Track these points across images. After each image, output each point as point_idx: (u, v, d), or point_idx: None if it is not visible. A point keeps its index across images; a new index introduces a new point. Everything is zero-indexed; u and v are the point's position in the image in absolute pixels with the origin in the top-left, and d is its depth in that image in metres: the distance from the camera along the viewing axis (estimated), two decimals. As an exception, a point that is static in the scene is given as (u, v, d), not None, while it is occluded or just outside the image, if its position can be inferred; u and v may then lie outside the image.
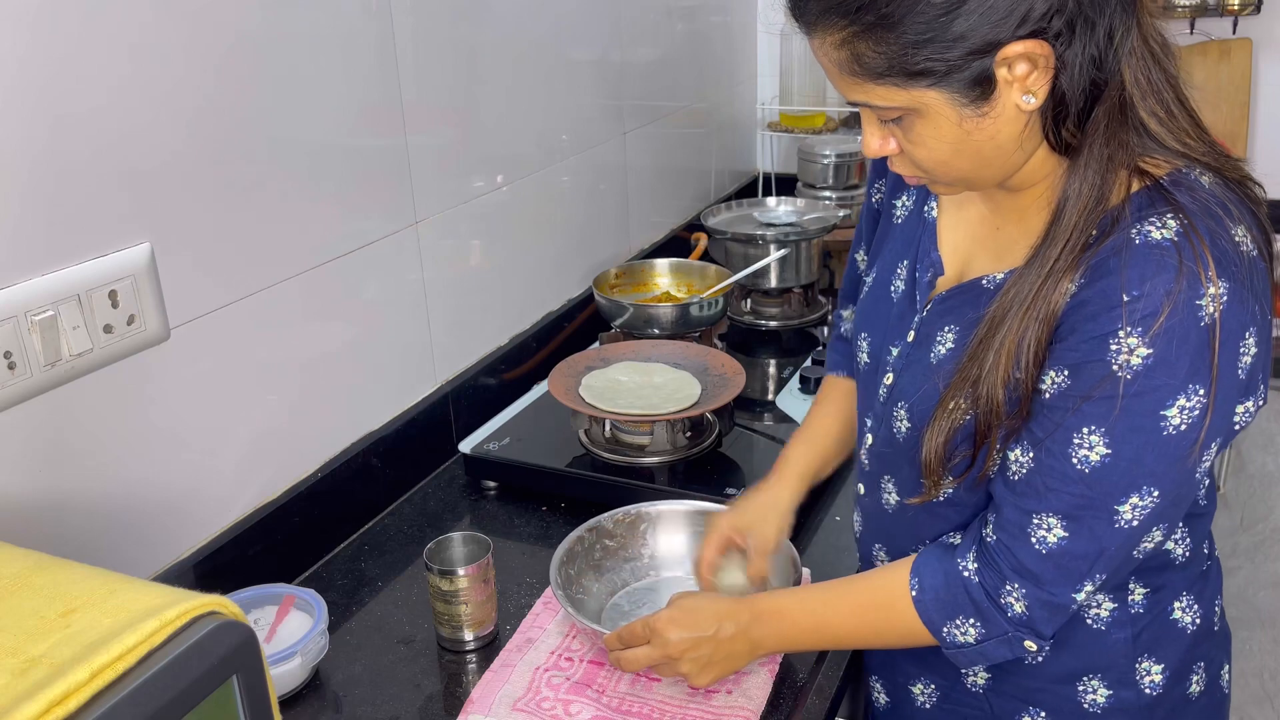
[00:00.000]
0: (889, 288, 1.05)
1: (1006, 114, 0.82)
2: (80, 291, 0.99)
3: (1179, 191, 0.83)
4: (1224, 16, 2.21)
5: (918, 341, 0.99)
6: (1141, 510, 0.85)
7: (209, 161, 1.11)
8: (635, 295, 1.87)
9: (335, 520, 1.35)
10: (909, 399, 0.98)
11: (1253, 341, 0.83)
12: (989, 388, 0.87)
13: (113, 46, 1.00)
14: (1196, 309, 0.80)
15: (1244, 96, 2.24)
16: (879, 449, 1.04)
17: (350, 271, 1.33)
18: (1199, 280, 0.80)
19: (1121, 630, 0.98)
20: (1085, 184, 0.84)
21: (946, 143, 0.85)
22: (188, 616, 0.62)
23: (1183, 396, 0.81)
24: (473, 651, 1.15)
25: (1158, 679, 0.99)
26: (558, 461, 1.44)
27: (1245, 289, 0.82)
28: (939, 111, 0.83)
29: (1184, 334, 0.80)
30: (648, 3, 2.01)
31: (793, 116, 2.41)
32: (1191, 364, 0.80)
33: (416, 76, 1.40)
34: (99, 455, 1.05)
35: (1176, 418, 0.82)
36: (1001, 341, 0.86)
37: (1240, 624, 2.09)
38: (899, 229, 1.07)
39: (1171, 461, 0.83)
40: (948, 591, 0.92)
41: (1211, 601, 1.03)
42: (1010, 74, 0.80)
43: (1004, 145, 0.84)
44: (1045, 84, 0.81)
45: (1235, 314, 0.81)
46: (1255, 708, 2.11)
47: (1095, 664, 0.99)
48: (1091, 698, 0.99)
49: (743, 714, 1.02)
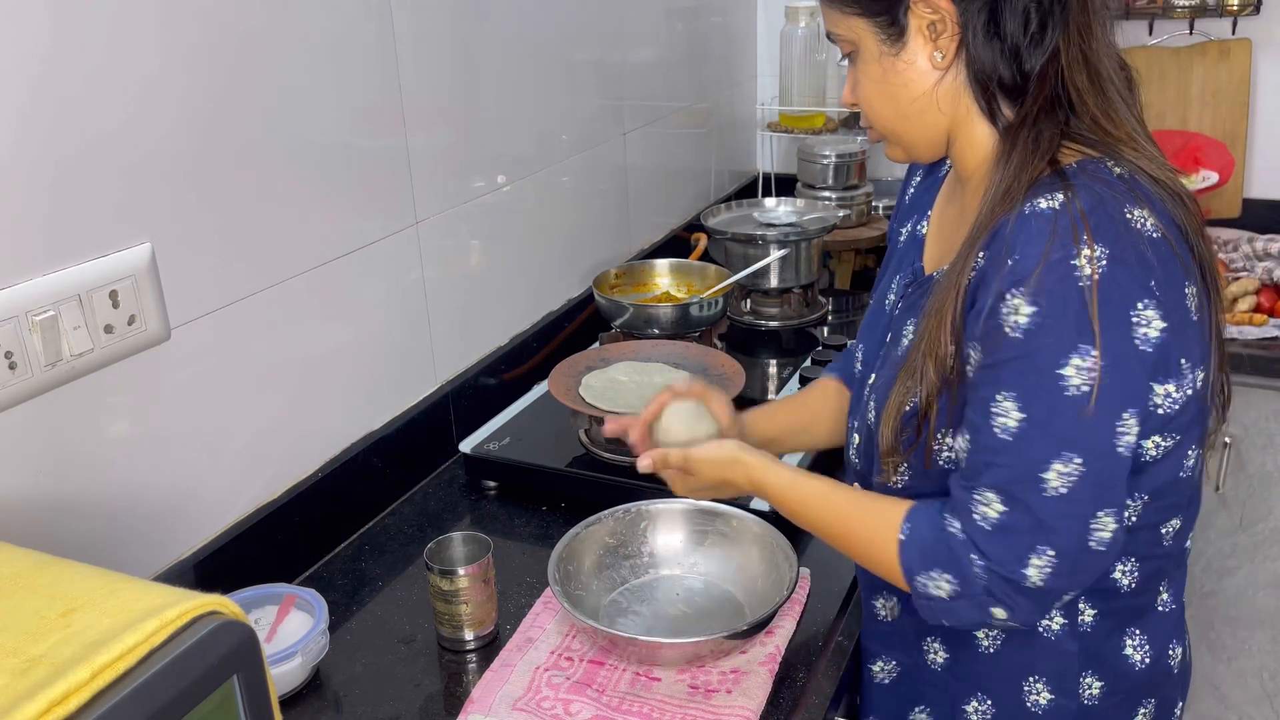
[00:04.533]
0: (884, 302, 1.11)
1: (918, 65, 0.93)
2: (81, 292, 0.99)
3: (1078, 174, 0.88)
4: (1223, 17, 2.21)
5: (892, 340, 1.05)
6: (1068, 479, 0.86)
7: (209, 162, 1.12)
8: (635, 295, 1.88)
9: (335, 520, 1.35)
10: (878, 391, 1.03)
11: (1153, 314, 0.85)
12: (924, 369, 0.92)
13: (114, 47, 1.00)
14: (1072, 269, 0.83)
15: (1243, 97, 2.24)
16: (863, 446, 1.08)
17: (350, 271, 1.33)
18: (1071, 241, 0.83)
19: (1071, 643, 1.01)
20: (1008, 173, 0.89)
21: (872, 80, 0.96)
22: (188, 616, 0.62)
23: (1075, 356, 0.84)
24: (473, 651, 1.15)
25: (1096, 693, 1.02)
26: (558, 461, 1.44)
27: (1132, 259, 0.84)
28: (867, 47, 0.95)
29: (1063, 293, 0.83)
30: (648, 3, 2.02)
31: (793, 117, 2.41)
32: (1076, 323, 0.84)
33: (416, 76, 1.40)
34: (99, 455, 1.05)
35: (1075, 378, 0.84)
36: (931, 326, 0.92)
37: (1240, 624, 2.08)
38: (898, 252, 1.13)
39: (1083, 426, 0.85)
40: (934, 544, 0.93)
41: (1166, 644, 1.04)
42: (919, 21, 0.91)
43: (917, 97, 0.94)
44: (952, 46, 0.90)
45: (1118, 280, 0.84)
46: (1255, 708, 2.11)
47: (1042, 668, 1.02)
48: (1035, 698, 1.03)
49: (743, 714, 1.02)
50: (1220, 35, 2.25)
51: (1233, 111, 2.25)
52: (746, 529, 1.21)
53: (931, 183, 1.12)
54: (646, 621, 1.15)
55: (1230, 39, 2.24)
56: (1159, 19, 2.24)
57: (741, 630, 1.06)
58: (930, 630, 1.08)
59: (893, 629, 1.12)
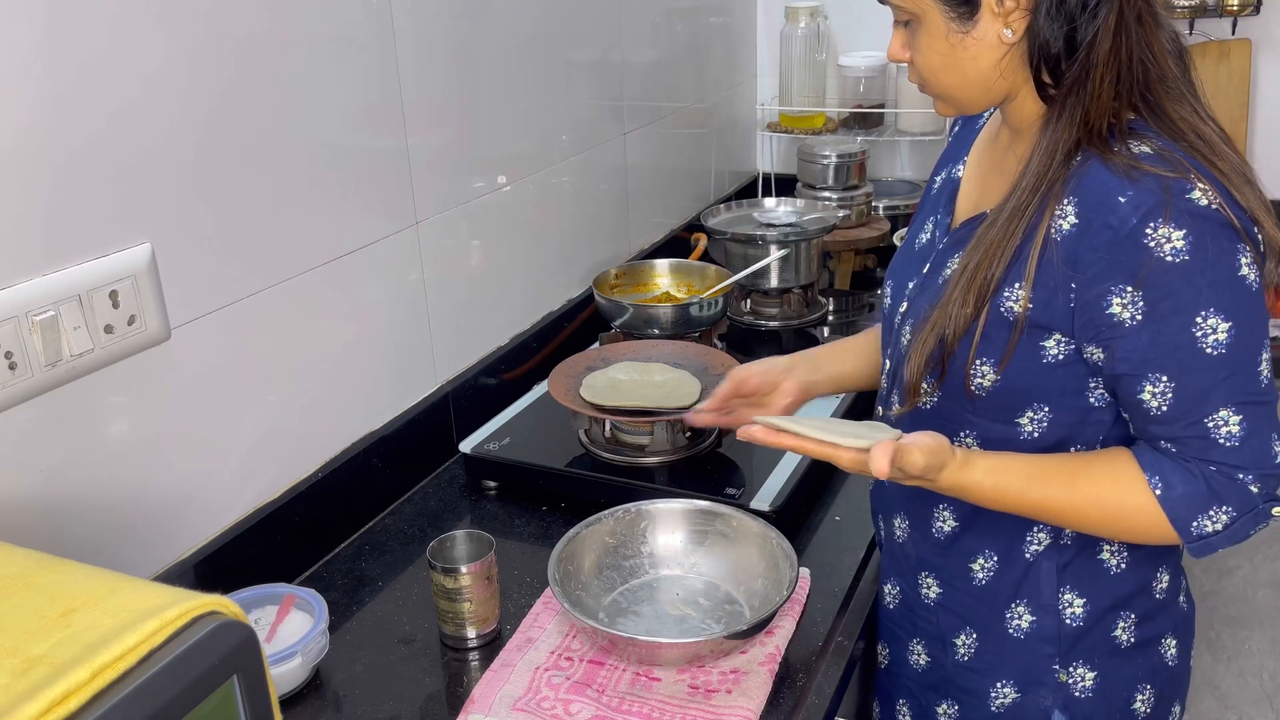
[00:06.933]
0: (915, 242, 1.14)
1: (988, 40, 0.95)
2: (81, 292, 0.99)
3: (1146, 127, 0.93)
4: (1223, 17, 2.21)
5: (931, 271, 1.07)
6: (1268, 361, 0.93)
7: (209, 162, 1.12)
8: (635, 295, 1.88)
9: (336, 520, 1.35)
10: (914, 317, 1.07)
11: None
12: (957, 307, 0.97)
13: (114, 47, 1.00)
14: (1194, 199, 0.88)
15: (1243, 97, 2.24)
16: (893, 370, 1.11)
17: (350, 271, 1.33)
18: (1180, 177, 0.88)
19: (1049, 559, 1.06)
20: (1052, 136, 0.93)
21: (937, 54, 0.98)
22: (188, 616, 0.62)
23: (1240, 255, 0.89)
24: (475, 649, 1.15)
25: (1079, 611, 1.06)
26: (558, 461, 1.44)
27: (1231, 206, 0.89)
28: (933, 22, 0.96)
29: (1200, 212, 0.88)
30: (648, 3, 2.02)
31: (792, 117, 2.42)
32: (1223, 231, 0.88)
33: (416, 76, 1.40)
34: (99, 455, 1.05)
35: (1249, 272, 0.90)
36: (982, 261, 0.96)
37: (1240, 624, 2.09)
38: (932, 197, 1.16)
39: (1265, 312, 0.92)
40: (1193, 488, 0.94)
41: (1158, 632, 1.09)
42: (999, 7, 0.93)
43: (985, 69, 0.96)
44: (1022, 23, 0.93)
45: (1232, 209, 0.89)
46: (1255, 708, 2.11)
47: (1024, 591, 1.07)
48: (1017, 623, 1.08)
49: (743, 714, 1.02)
50: (1220, 35, 2.25)
51: (1233, 111, 2.26)
52: (746, 529, 1.21)
53: (969, 132, 1.15)
54: (646, 621, 1.15)
55: (1230, 39, 2.24)
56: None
57: (741, 630, 1.06)
58: (925, 564, 1.13)
59: (898, 552, 1.17)
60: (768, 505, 1.29)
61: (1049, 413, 0.99)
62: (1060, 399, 0.99)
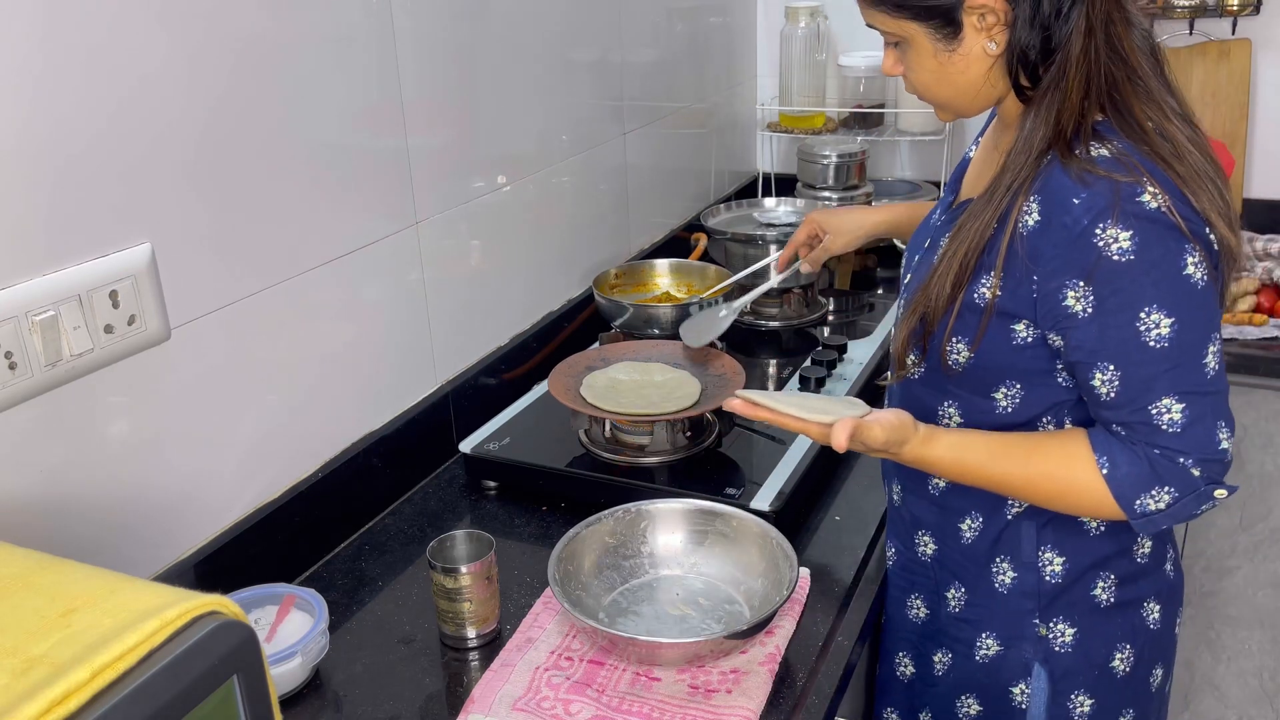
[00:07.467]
0: (932, 216, 1.21)
1: (974, 54, 1.01)
2: (81, 292, 0.99)
3: (1109, 128, 0.97)
4: (1223, 17, 2.21)
5: (930, 247, 1.14)
6: (1216, 355, 0.97)
7: (209, 162, 1.12)
8: (635, 295, 1.88)
9: (335, 520, 1.35)
10: (908, 293, 1.14)
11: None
12: (937, 289, 1.03)
13: (113, 47, 1.00)
14: (1144, 201, 0.92)
15: (1243, 97, 2.24)
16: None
17: (350, 271, 1.33)
18: (1133, 179, 0.93)
19: (1030, 519, 1.11)
20: (1028, 136, 0.98)
21: (928, 70, 1.05)
22: (188, 616, 0.62)
23: (1187, 255, 0.93)
24: (475, 649, 1.15)
25: (1058, 569, 1.11)
26: (558, 461, 1.44)
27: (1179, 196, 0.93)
28: (920, 43, 1.03)
29: (1148, 214, 0.92)
30: (648, 3, 2.02)
31: (792, 117, 2.42)
32: (1171, 232, 0.92)
33: (416, 76, 1.40)
34: (99, 455, 1.05)
35: (1195, 271, 0.93)
36: (957, 249, 1.02)
37: (1240, 624, 2.09)
38: (955, 172, 1.21)
39: (1214, 310, 0.96)
40: (1136, 469, 0.99)
41: (1139, 591, 1.13)
42: (981, 23, 0.98)
43: (974, 80, 1.03)
44: (1003, 35, 0.99)
45: (1182, 212, 0.93)
46: (1255, 708, 2.11)
47: (1006, 549, 1.13)
48: (1001, 578, 1.14)
49: (743, 714, 1.02)
50: (1220, 35, 2.25)
51: (1232, 111, 2.26)
52: (746, 529, 1.21)
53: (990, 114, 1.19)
54: (646, 621, 1.15)
55: (1230, 39, 2.24)
56: (1159, 19, 2.24)
57: (741, 630, 1.06)
58: (921, 524, 1.20)
59: (896, 515, 1.24)
60: (768, 505, 1.29)
61: (1021, 390, 1.06)
62: (1030, 378, 1.05)
